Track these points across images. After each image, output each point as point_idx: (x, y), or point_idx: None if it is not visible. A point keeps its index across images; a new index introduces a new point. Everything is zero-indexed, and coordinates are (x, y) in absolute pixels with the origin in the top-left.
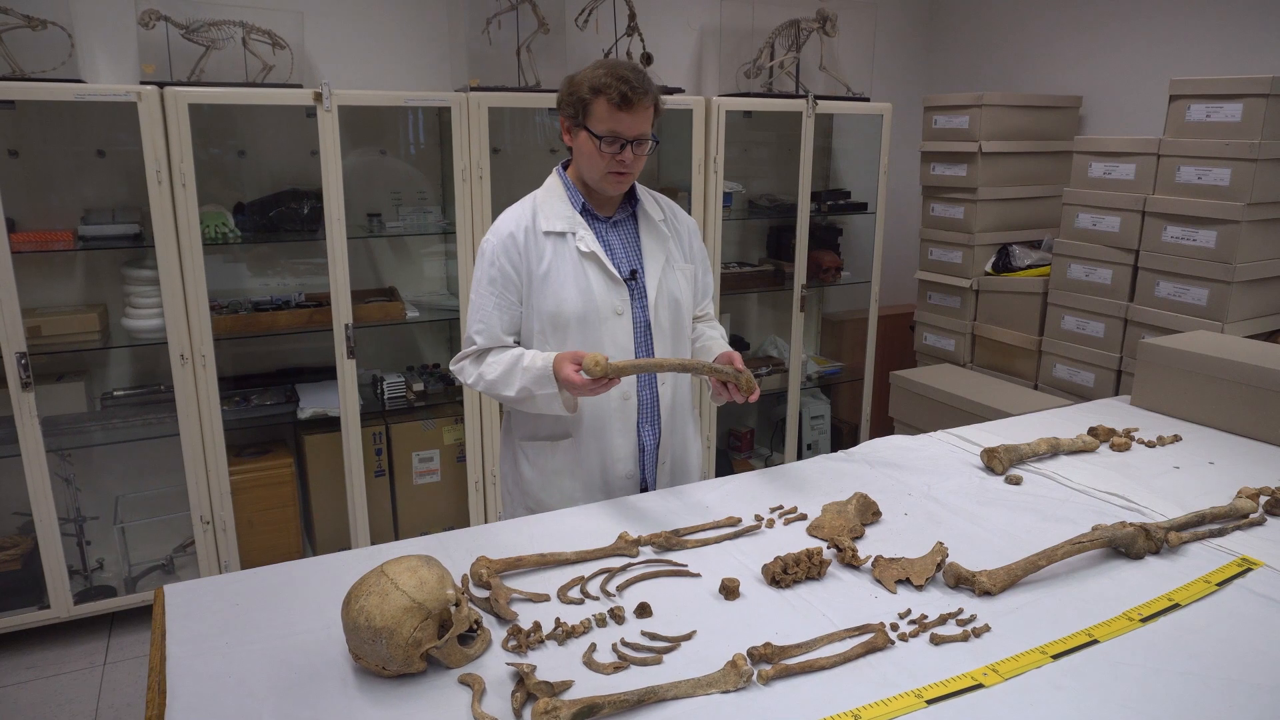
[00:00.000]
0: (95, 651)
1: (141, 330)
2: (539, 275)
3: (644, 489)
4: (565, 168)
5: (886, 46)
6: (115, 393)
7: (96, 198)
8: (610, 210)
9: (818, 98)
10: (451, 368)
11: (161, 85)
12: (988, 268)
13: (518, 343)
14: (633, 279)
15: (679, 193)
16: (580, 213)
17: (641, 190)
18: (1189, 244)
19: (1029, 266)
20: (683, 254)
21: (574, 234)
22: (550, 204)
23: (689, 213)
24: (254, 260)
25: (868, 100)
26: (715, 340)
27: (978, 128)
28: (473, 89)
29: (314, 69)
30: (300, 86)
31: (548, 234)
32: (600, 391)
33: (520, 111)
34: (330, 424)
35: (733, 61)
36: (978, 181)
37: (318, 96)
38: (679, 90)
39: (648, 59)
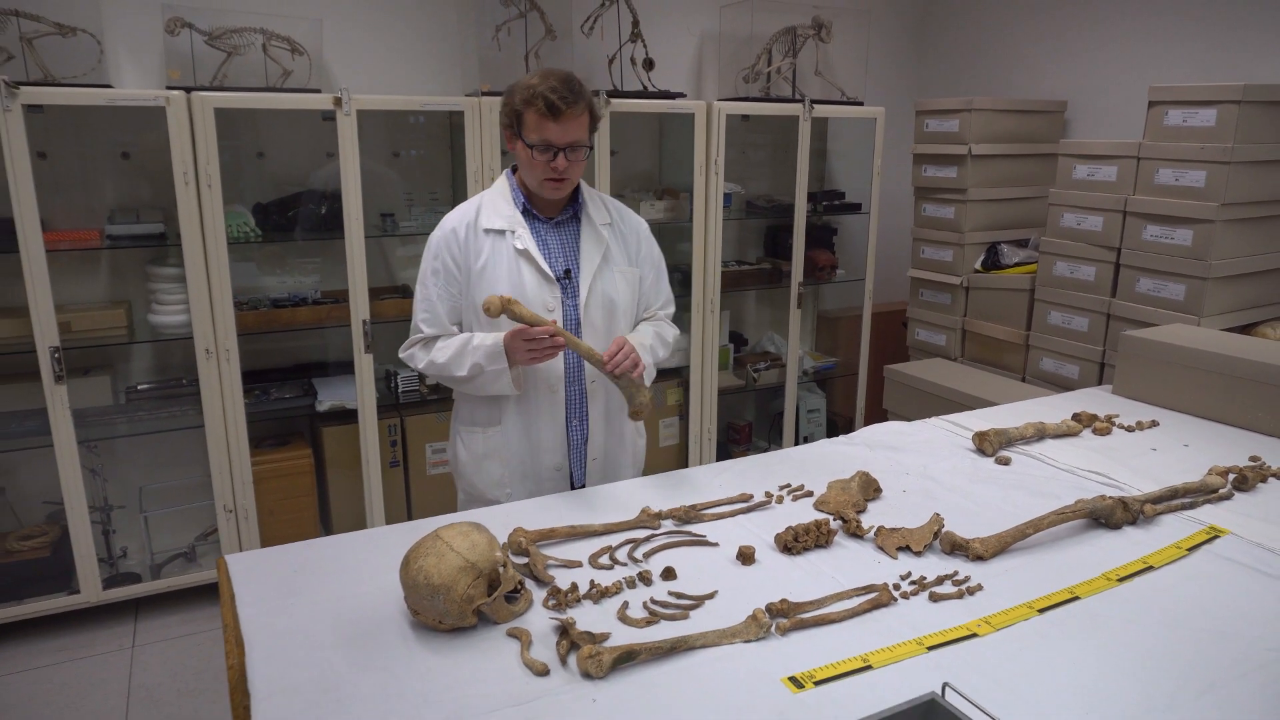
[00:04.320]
0: (123, 635)
1: (166, 326)
2: (476, 270)
3: (572, 482)
4: (515, 170)
5: (879, 53)
6: (139, 386)
7: (120, 198)
8: (553, 212)
9: (814, 102)
10: (401, 354)
11: (188, 90)
12: (977, 265)
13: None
14: (567, 278)
15: (681, 194)
16: (522, 213)
17: (589, 193)
18: (1167, 242)
19: (1017, 264)
20: (627, 257)
21: (512, 232)
22: (495, 203)
23: (690, 214)
24: (272, 258)
25: (861, 104)
26: (639, 330)
27: (967, 131)
28: (484, 94)
29: (330, 74)
30: (319, 91)
31: (487, 231)
32: (548, 357)
33: None
34: (347, 416)
35: (732, 67)
36: (967, 183)
37: (337, 101)
38: (681, 95)
39: (650, 64)
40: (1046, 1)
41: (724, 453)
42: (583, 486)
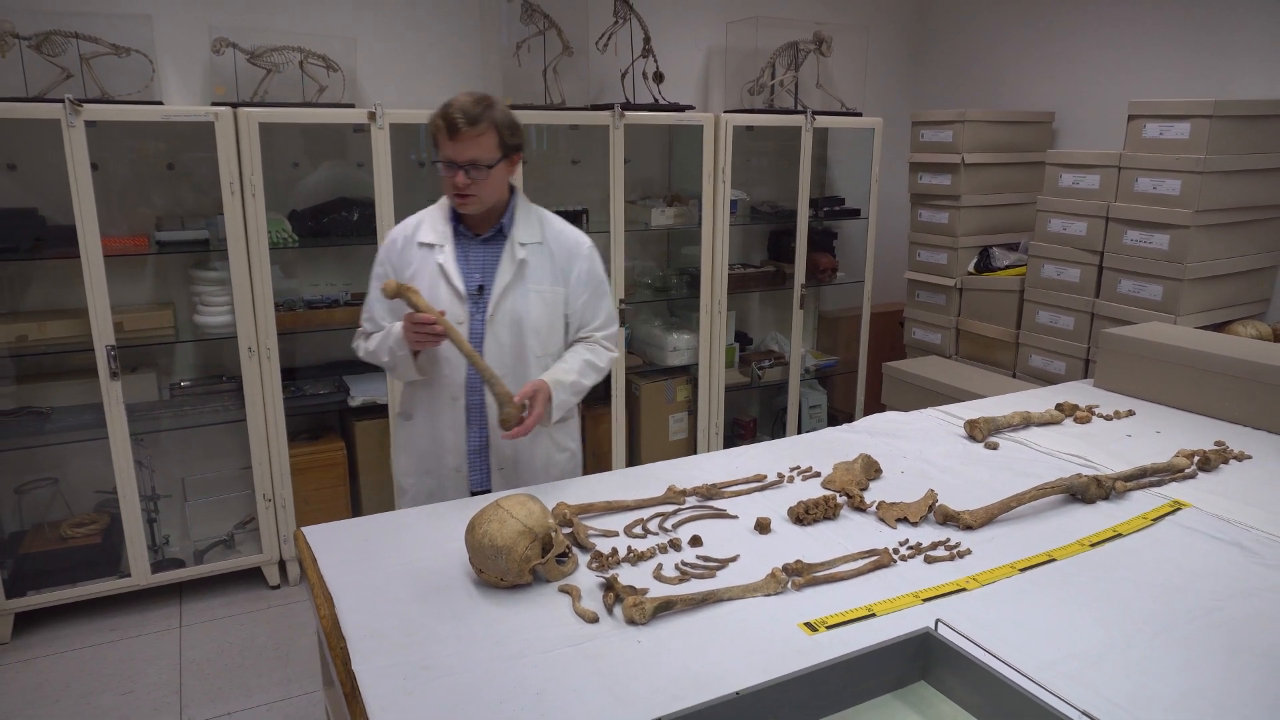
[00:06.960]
0: (170, 616)
1: (210, 326)
2: (406, 279)
3: (473, 486)
4: None
5: (877, 67)
6: (182, 383)
7: (165, 206)
8: (482, 229)
9: (815, 113)
10: (352, 345)
11: (234, 106)
12: (970, 268)
13: None
14: (480, 294)
15: (689, 200)
16: (455, 230)
17: (523, 212)
18: (1146, 246)
19: (1007, 267)
20: (552, 277)
21: (440, 247)
22: (433, 219)
23: (698, 219)
24: (305, 262)
25: (860, 115)
26: (563, 362)
27: (961, 141)
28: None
29: (360, 89)
30: (352, 106)
31: (421, 244)
32: (430, 343)
33: (546, 126)
34: (377, 411)
35: (737, 80)
36: (961, 190)
37: (371, 115)
38: (690, 107)
39: (660, 78)
40: (1035, 19)
41: (730, 446)
42: (486, 492)
